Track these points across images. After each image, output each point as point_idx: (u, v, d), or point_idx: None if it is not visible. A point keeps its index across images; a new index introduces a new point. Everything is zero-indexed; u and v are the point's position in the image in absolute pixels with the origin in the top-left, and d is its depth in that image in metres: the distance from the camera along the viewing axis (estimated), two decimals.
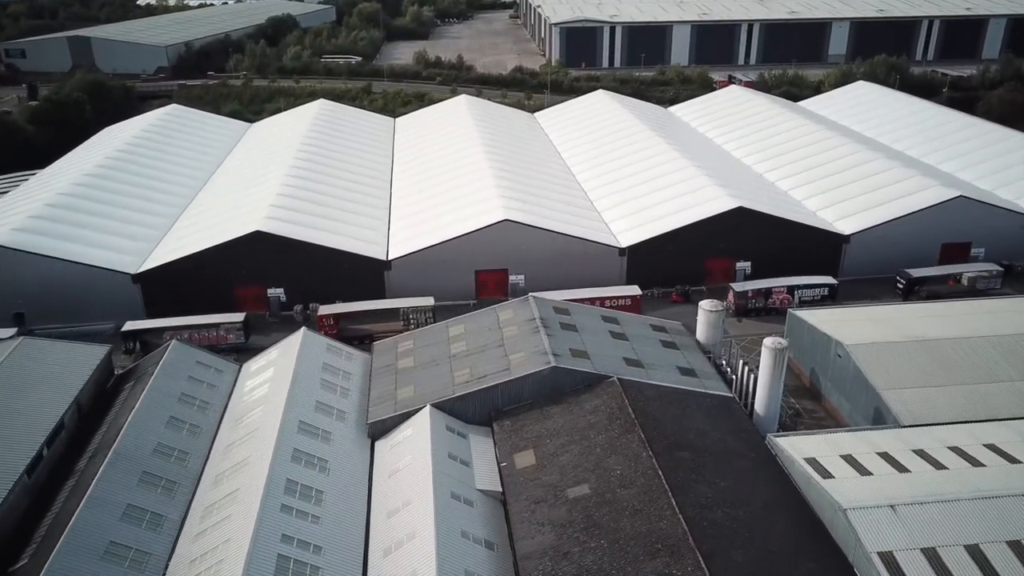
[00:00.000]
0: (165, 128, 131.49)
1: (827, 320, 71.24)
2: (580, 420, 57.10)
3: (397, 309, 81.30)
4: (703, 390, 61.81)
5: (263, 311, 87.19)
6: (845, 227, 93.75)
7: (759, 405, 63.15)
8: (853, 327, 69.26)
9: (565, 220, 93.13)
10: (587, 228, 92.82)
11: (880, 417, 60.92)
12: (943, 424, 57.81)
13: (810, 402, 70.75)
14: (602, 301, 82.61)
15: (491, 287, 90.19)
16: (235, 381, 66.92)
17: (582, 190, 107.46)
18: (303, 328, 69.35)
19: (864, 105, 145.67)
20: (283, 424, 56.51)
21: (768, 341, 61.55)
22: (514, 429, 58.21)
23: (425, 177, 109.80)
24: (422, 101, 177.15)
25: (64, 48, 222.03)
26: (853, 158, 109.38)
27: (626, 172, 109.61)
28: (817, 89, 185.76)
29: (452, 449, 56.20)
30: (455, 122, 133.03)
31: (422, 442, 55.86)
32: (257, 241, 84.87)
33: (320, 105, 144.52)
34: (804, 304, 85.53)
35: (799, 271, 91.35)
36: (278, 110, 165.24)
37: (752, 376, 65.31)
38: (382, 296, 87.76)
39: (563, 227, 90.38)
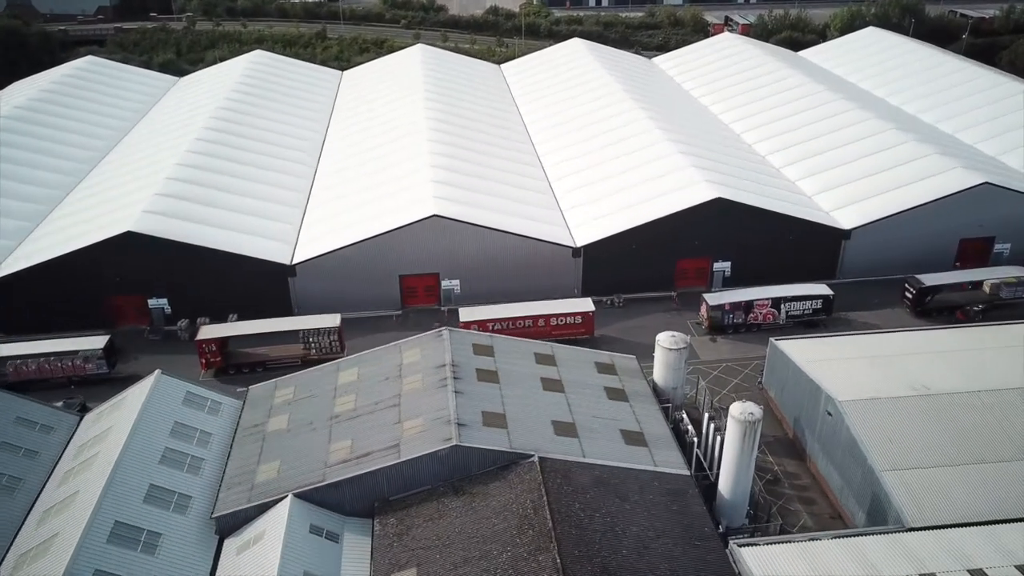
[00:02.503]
0: (74, 86, 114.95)
1: (815, 359, 56.88)
2: (483, 524, 43.34)
3: (296, 330, 66.96)
4: (652, 468, 47.86)
5: (146, 325, 72.99)
6: (845, 219, 78.51)
7: (724, 486, 49.35)
8: (846, 370, 55.00)
9: (512, 212, 77.88)
10: (537, 222, 77.62)
11: (878, 507, 47.16)
12: (961, 526, 44.07)
13: (793, 462, 56.88)
14: (547, 320, 68.20)
15: (420, 294, 75.64)
16: (68, 442, 53.07)
17: (542, 168, 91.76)
18: (157, 372, 55.12)
19: (872, 57, 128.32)
20: (90, 527, 42.83)
21: (736, 410, 47.33)
22: (399, 532, 44.49)
23: (355, 153, 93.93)
24: (380, 49, 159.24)
25: None
26: (858, 128, 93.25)
27: (592, 144, 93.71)
28: (822, 34, 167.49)
29: (313, 561, 42.66)
30: (404, 80, 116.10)
31: (272, 551, 42.31)
32: (130, 244, 69.94)
33: (254, 58, 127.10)
34: (793, 319, 71.07)
35: (789, 272, 76.74)
36: (223, 59, 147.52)
37: (720, 437, 51.33)
38: (286, 309, 73.39)
39: (507, 222, 75.20)
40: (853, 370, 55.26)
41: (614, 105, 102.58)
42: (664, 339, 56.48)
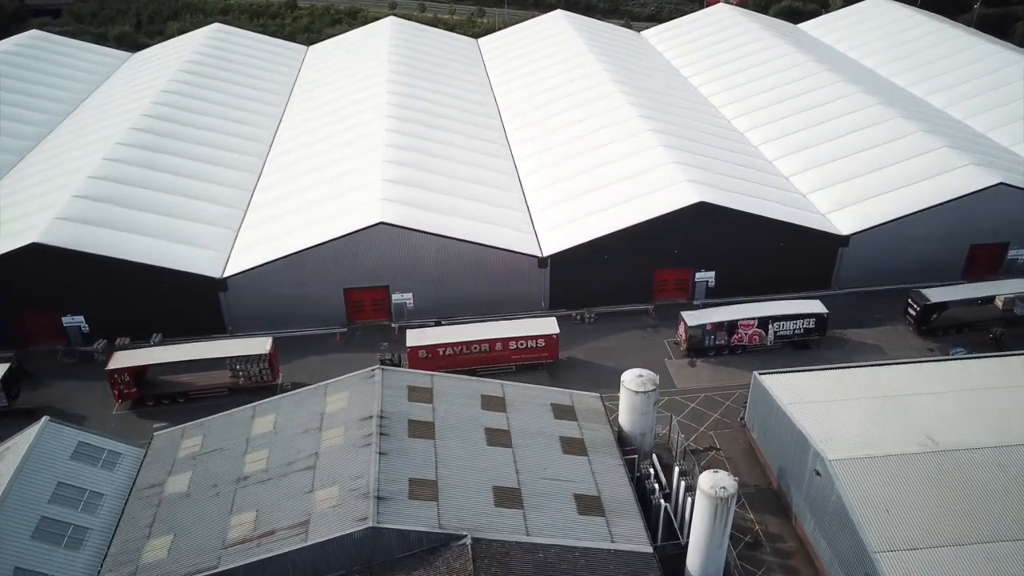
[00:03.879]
0: (11, 64, 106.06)
1: (802, 400, 49.52)
2: None
3: (221, 356, 59.51)
4: (608, 545, 40.77)
5: (61, 345, 65.59)
6: (843, 223, 70.62)
7: (693, 562, 42.27)
8: (838, 416, 47.70)
9: (473, 216, 69.98)
10: (501, 227, 69.76)
11: None
12: None
13: (777, 520, 49.64)
14: (505, 343, 60.68)
15: (368, 309, 68.06)
16: None
17: (513, 162, 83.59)
18: (44, 419, 47.76)
19: (877, 31, 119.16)
20: None
21: (706, 482, 40.01)
22: None
23: (307, 144, 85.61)
24: (354, 20, 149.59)
25: None
26: (860, 116, 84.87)
27: (568, 134, 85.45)
28: (824, 3, 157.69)
29: None
30: (368, 59, 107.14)
31: None
32: (38, 256, 62.19)
33: (210, 33, 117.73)
34: (782, 340, 63.57)
35: (780, 283, 69.49)
36: (184, 31, 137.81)
37: (691, 499, 44.17)
38: (219, 326, 65.96)
39: (465, 228, 67.35)
40: (846, 416, 47.94)
41: (594, 89, 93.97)
42: (630, 380, 48.99)
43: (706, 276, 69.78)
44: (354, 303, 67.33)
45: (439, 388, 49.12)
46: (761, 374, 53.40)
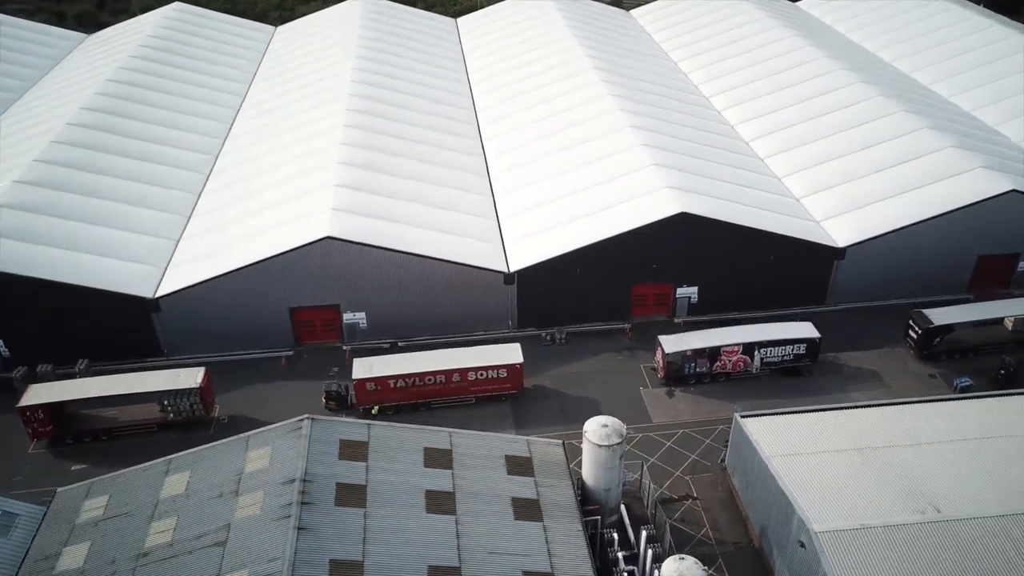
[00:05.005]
0: None
1: (788, 452, 43.94)
2: None
3: (146, 389, 53.72)
4: None
5: None
6: (839, 232, 64.55)
7: None
8: (828, 473, 42.24)
9: (434, 226, 63.82)
10: (465, 238, 63.70)
11: None
12: None
13: None
14: (463, 374, 54.91)
15: (318, 330, 62.25)
16: None
17: (485, 160, 77.18)
18: None
19: (880, 11, 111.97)
20: None
21: (671, 571, 34.46)
22: None
23: (260, 140, 79.09)
24: None
25: None
26: (860, 109, 78.38)
27: (543, 129, 79.08)
28: None
29: None
30: (335, 43, 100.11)
31: None
32: None
33: (170, 12, 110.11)
34: (770, 367, 57.84)
35: (769, 298, 63.92)
36: (149, 8, 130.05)
37: (657, 572, 38.69)
38: (152, 350, 60.24)
39: (423, 240, 61.27)
40: (837, 472, 42.42)
41: (575, 77, 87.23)
42: (593, 431, 43.20)
43: (688, 292, 63.91)
44: (302, 323, 61.50)
45: (377, 441, 43.39)
46: (743, 416, 47.71)
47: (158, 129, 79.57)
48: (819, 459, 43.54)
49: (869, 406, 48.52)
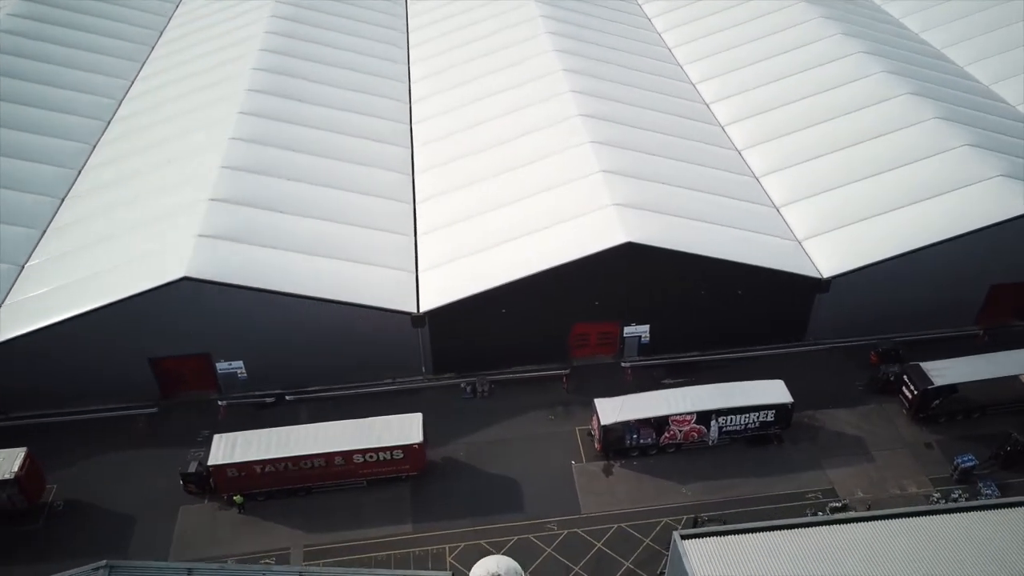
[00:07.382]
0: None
1: None
2: None
3: None
4: None
5: None
6: (823, 256, 53.11)
7: None
8: None
9: (328, 252, 52.19)
10: (366, 266, 52.22)
11: None
12: None
13: None
14: (348, 457, 44.47)
15: (189, 380, 51.48)
16: None
17: (412, 159, 64.43)
18: None
19: None
20: None
21: None
22: None
23: (143, 129, 66.57)
24: None
25: None
26: (860, 88, 65.73)
27: (483, 114, 66.59)
28: None
29: None
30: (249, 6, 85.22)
31: None
32: None
33: None
34: (731, 436, 47.47)
35: (735, 336, 53.06)
36: None
37: None
38: None
39: (309, 276, 49.82)
40: None
41: (532, 60, 71.85)
42: (485, 572, 33.20)
43: (639, 331, 52.93)
44: (168, 374, 50.78)
45: None
46: (683, 536, 37.38)
47: (36, 113, 66.95)
48: None
49: (844, 522, 38.13)
